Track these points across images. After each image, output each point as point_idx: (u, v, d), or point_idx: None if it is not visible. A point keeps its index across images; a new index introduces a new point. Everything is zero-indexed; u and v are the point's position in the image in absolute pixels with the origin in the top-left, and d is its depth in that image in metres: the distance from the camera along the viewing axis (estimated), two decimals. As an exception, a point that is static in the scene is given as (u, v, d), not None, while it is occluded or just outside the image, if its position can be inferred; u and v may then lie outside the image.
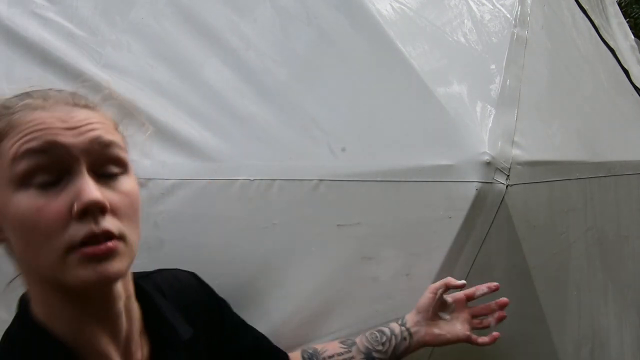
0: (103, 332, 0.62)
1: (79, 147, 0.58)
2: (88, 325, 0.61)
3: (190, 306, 0.78)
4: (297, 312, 0.93)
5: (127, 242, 0.59)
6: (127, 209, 0.60)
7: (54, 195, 0.56)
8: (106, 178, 0.60)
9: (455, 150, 0.87)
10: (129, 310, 0.66)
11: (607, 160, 1.31)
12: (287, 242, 0.93)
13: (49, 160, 0.56)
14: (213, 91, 1.01)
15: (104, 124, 0.62)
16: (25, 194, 0.56)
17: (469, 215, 0.86)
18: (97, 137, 0.59)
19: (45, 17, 1.11)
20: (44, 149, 0.56)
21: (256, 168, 0.95)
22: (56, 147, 0.57)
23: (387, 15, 1.02)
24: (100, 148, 0.59)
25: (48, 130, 0.57)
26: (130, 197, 0.61)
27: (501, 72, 1.01)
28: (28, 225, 0.56)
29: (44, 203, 0.55)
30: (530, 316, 1.01)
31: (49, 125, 0.58)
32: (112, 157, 0.61)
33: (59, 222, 0.55)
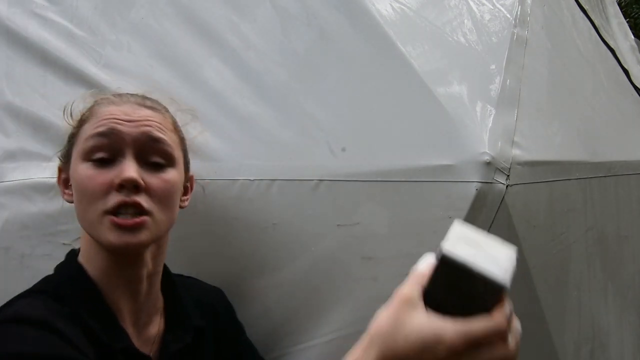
0: (123, 290, 0.76)
1: (131, 135, 0.75)
2: (113, 278, 0.75)
3: (208, 308, 0.88)
4: (297, 312, 0.93)
5: (154, 219, 0.73)
6: (162, 192, 0.75)
7: (106, 170, 0.73)
8: (152, 166, 0.76)
9: (455, 150, 0.87)
10: (152, 285, 0.80)
11: (607, 160, 1.31)
12: (287, 242, 0.93)
13: (108, 142, 0.74)
14: (213, 91, 1.01)
15: (161, 124, 0.79)
16: (86, 165, 0.74)
17: (469, 215, 0.85)
18: (148, 132, 0.76)
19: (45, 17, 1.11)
20: (106, 133, 0.74)
21: (256, 168, 0.95)
22: (115, 133, 0.74)
23: (387, 15, 1.02)
24: (148, 141, 0.76)
25: (114, 120, 0.75)
26: (167, 184, 0.76)
27: (501, 72, 1.01)
28: (82, 189, 0.73)
29: (96, 174, 0.73)
30: (530, 316, 1.01)
31: (116, 116, 0.76)
32: (158, 150, 0.76)
33: (102, 190, 0.72)
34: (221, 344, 0.88)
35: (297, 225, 0.93)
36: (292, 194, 0.92)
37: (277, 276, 0.94)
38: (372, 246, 0.90)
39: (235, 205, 0.94)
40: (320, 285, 0.92)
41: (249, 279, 0.95)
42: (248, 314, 0.95)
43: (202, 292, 0.91)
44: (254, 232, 0.94)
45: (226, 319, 0.92)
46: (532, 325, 1.02)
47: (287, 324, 0.94)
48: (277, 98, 0.98)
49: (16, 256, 1.01)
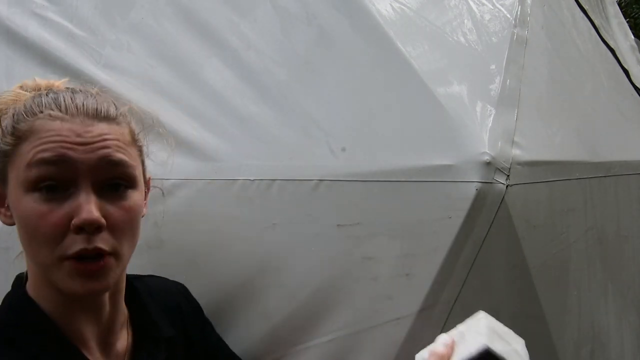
0: (85, 317, 0.68)
1: (87, 163, 0.62)
2: (71, 310, 0.66)
3: (175, 312, 0.83)
4: (297, 312, 0.93)
5: (118, 256, 0.64)
6: (125, 224, 0.64)
7: (58, 203, 0.61)
8: (111, 191, 0.64)
9: (455, 150, 0.87)
10: (115, 303, 0.72)
11: (607, 160, 1.31)
12: (287, 242, 0.93)
13: (57, 171, 0.61)
14: (213, 91, 1.01)
15: (118, 139, 0.65)
16: (32, 197, 0.61)
17: (469, 215, 0.85)
18: (106, 156, 0.63)
19: (45, 17, 1.11)
20: (54, 161, 0.61)
21: (256, 168, 0.95)
22: (66, 160, 0.61)
23: (387, 15, 1.02)
24: (108, 166, 0.63)
25: (62, 143, 0.61)
26: (131, 212, 0.65)
27: (501, 72, 1.01)
28: (31, 227, 0.61)
29: (47, 210, 0.60)
30: (530, 316, 1.01)
31: (64, 138, 0.62)
32: (118, 173, 0.64)
33: (57, 231, 0.60)
34: (192, 348, 0.84)
35: (297, 225, 0.93)
36: (292, 194, 0.92)
37: (277, 276, 0.94)
38: (372, 246, 0.90)
39: (235, 205, 0.94)
40: (320, 285, 0.92)
41: (249, 279, 0.95)
42: (248, 314, 0.95)
43: (166, 295, 0.84)
44: (254, 232, 0.94)
45: (194, 318, 0.87)
46: (532, 325, 1.02)
47: (287, 324, 0.94)
48: (277, 98, 0.98)
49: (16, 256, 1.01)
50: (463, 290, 0.90)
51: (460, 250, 0.88)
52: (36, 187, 0.61)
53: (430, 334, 0.91)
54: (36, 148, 0.61)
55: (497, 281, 0.94)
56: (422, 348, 0.91)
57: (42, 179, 0.61)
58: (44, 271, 0.63)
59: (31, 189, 0.61)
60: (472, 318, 0.68)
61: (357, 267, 0.91)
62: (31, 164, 0.61)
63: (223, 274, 0.96)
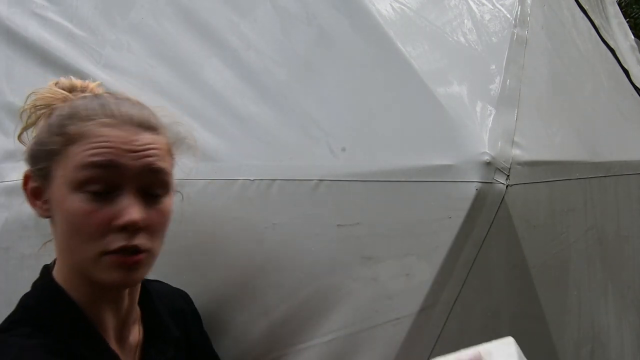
0: (107, 308, 0.73)
1: (133, 170, 0.67)
2: (97, 301, 0.71)
3: (179, 315, 0.88)
4: (297, 312, 0.93)
5: (151, 253, 0.70)
6: (159, 226, 0.71)
7: (103, 204, 0.66)
8: (150, 196, 0.70)
9: (455, 150, 0.87)
10: (132, 300, 0.77)
11: (607, 160, 1.31)
12: (287, 242, 0.93)
13: (106, 175, 0.66)
14: (213, 91, 1.01)
15: (161, 149, 0.71)
16: (78, 197, 0.66)
17: (469, 215, 0.85)
18: (150, 164, 0.69)
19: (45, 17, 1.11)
20: (104, 165, 0.66)
21: (256, 168, 0.95)
22: (115, 166, 0.66)
23: (387, 15, 1.02)
24: (150, 173, 0.69)
25: (112, 149, 0.67)
26: (165, 216, 0.72)
27: (501, 72, 1.01)
28: (76, 224, 0.66)
29: (92, 209, 0.66)
30: (530, 316, 1.01)
31: (114, 145, 0.67)
32: (158, 181, 0.71)
33: (100, 229, 0.66)
34: (193, 350, 0.88)
35: (297, 225, 0.93)
36: (292, 194, 0.92)
37: (278, 276, 0.94)
38: (372, 246, 0.90)
39: (235, 205, 0.94)
40: (321, 285, 0.92)
41: (249, 279, 0.95)
42: (248, 314, 0.95)
43: (172, 298, 0.89)
44: (254, 232, 0.94)
45: (194, 323, 0.91)
46: (532, 325, 1.02)
47: (287, 324, 0.94)
48: (277, 98, 0.98)
49: (16, 256, 1.01)
50: (463, 290, 0.90)
51: (460, 250, 0.88)
52: (84, 188, 0.66)
53: (430, 334, 0.91)
54: (87, 152, 0.66)
55: (497, 281, 0.94)
56: (422, 348, 0.91)
57: (91, 181, 0.66)
58: (81, 264, 0.67)
59: (78, 189, 0.66)
60: (499, 341, 0.69)
61: (357, 267, 0.91)
62: (81, 166, 0.66)
63: (223, 273, 0.96)
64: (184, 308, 0.90)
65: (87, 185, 0.66)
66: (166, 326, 0.82)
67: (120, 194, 0.67)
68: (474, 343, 0.96)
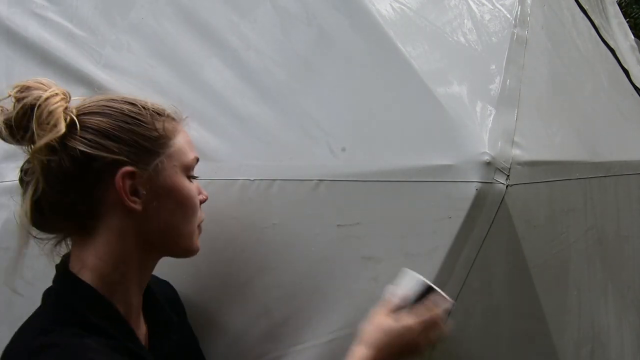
0: (135, 300, 0.79)
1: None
2: (132, 285, 0.78)
3: (173, 303, 0.93)
4: (297, 312, 0.93)
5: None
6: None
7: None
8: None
9: (455, 150, 0.87)
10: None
11: (607, 160, 1.31)
12: (287, 242, 0.93)
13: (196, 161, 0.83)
14: (213, 91, 1.01)
15: None
16: (187, 180, 0.80)
17: (469, 215, 0.85)
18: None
19: (45, 17, 1.11)
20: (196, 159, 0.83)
21: (256, 168, 0.95)
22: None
23: (387, 15, 1.02)
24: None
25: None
26: None
27: (501, 72, 1.01)
28: (189, 203, 0.79)
29: (194, 188, 0.81)
30: (530, 316, 1.01)
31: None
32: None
33: (197, 205, 0.81)
34: (183, 339, 0.92)
35: (297, 225, 0.93)
36: (292, 194, 0.92)
37: (277, 276, 0.94)
38: (372, 246, 0.90)
39: (235, 205, 0.94)
40: (320, 285, 0.92)
41: (249, 279, 0.95)
42: (248, 314, 0.95)
43: (163, 288, 0.93)
44: (254, 232, 0.94)
45: (184, 315, 0.94)
46: (532, 325, 1.02)
47: (287, 324, 0.94)
48: (277, 98, 0.98)
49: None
50: (463, 290, 0.90)
51: (460, 250, 0.88)
52: (188, 172, 0.80)
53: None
54: (188, 141, 0.81)
55: (497, 281, 0.94)
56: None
57: (193, 165, 0.81)
58: (182, 239, 0.80)
59: (186, 173, 0.79)
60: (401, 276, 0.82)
61: (357, 267, 0.91)
62: (189, 152, 0.80)
63: (223, 273, 0.96)
64: (174, 297, 0.94)
65: (191, 169, 0.81)
66: (167, 313, 0.88)
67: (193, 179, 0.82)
68: (474, 343, 0.96)
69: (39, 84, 0.72)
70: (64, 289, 0.75)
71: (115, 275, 0.75)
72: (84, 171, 0.72)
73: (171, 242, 0.80)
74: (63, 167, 0.71)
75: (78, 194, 0.72)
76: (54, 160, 0.70)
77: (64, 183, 0.72)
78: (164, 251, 0.81)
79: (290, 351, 0.94)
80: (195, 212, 0.80)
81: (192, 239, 0.81)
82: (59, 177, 0.71)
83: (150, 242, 0.78)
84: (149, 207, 0.75)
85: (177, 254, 0.83)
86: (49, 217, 0.74)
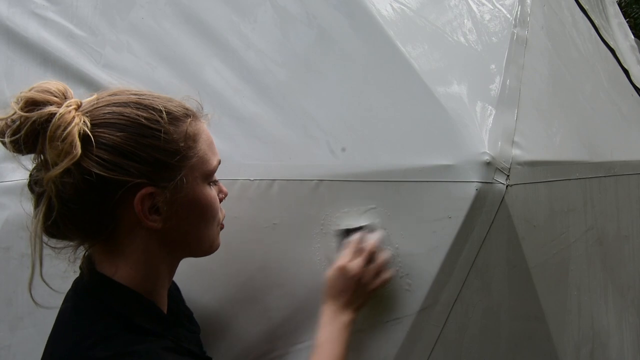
0: (166, 293, 0.80)
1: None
2: (163, 289, 0.79)
3: (179, 296, 0.94)
4: (297, 311, 0.93)
5: None
6: None
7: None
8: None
9: (455, 150, 0.87)
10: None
11: (607, 160, 1.31)
12: (287, 242, 0.93)
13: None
14: (213, 91, 1.01)
15: None
16: (208, 187, 0.77)
17: (468, 215, 0.85)
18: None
19: (45, 17, 1.11)
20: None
21: (256, 168, 0.95)
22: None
23: (387, 15, 1.02)
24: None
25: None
26: None
27: (501, 72, 1.01)
28: (210, 210, 0.77)
29: (215, 194, 0.79)
30: (530, 316, 1.01)
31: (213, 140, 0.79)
32: None
33: (219, 207, 0.81)
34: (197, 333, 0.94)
35: (297, 225, 0.93)
36: (292, 194, 0.92)
37: (277, 276, 0.94)
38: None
39: (235, 205, 0.94)
40: (320, 284, 0.92)
41: (249, 278, 0.95)
42: (248, 313, 0.95)
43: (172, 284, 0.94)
44: (254, 232, 0.94)
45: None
46: (532, 325, 1.02)
47: (287, 324, 0.94)
48: (277, 98, 0.98)
49: (16, 256, 1.01)
50: (463, 290, 0.90)
51: (460, 250, 0.88)
52: (209, 179, 0.77)
53: (430, 334, 0.91)
54: (211, 148, 0.77)
55: (497, 281, 0.94)
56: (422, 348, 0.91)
57: (214, 171, 0.78)
58: (205, 244, 0.79)
59: (208, 181, 0.77)
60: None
61: (357, 267, 0.90)
62: (212, 159, 0.77)
63: (223, 273, 0.96)
64: (177, 292, 0.94)
65: (212, 175, 0.78)
66: (185, 305, 0.91)
67: (216, 181, 0.81)
68: (474, 343, 0.96)
69: (48, 96, 0.66)
70: (105, 294, 0.72)
71: (149, 283, 0.75)
72: (100, 193, 0.67)
73: (194, 247, 0.79)
74: (79, 190, 0.66)
75: (95, 214, 0.69)
76: (68, 183, 0.65)
77: (80, 203, 0.67)
78: (188, 254, 0.81)
79: (290, 351, 0.94)
80: (216, 216, 0.79)
81: (214, 241, 0.81)
82: (73, 197, 0.66)
83: (174, 250, 0.77)
84: (170, 222, 0.72)
85: (199, 255, 0.82)
86: (63, 229, 0.70)
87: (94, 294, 0.72)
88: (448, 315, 0.90)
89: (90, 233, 0.71)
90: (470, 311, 0.93)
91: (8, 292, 1.01)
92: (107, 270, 0.72)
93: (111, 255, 0.72)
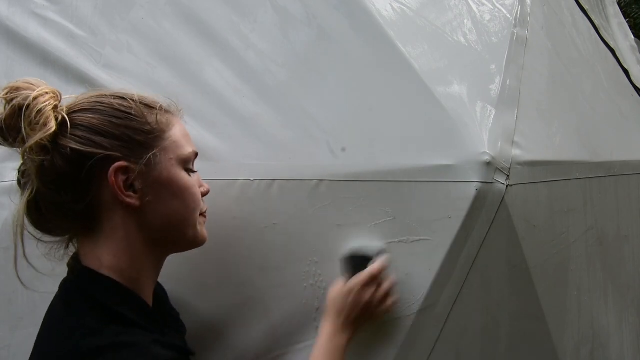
0: (151, 288, 0.81)
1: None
2: (149, 280, 0.80)
3: (166, 297, 0.95)
4: (297, 311, 0.93)
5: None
6: None
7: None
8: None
9: (455, 150, 0.87)
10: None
11: (607, 160, 1.31)
12: (287, 242, 0.93)
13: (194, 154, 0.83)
14: (213, 91, 1.01)
15: None
16: (184, 173, 0.79)
17: (469, 215, 0.86)
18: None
19: (45, 17, 1.11)
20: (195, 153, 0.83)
21: (256, 168, 0.95)
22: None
23: (387, 15, 1.02)
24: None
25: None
26: None
27: (501, 72, 1.01)
28: (189, 195, 0.79)
29: (194, 181, 0.81)
30: (530, 316, 1.01)
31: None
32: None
33: (199, 197, 0.82)
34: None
35: (297, 225, 0.93)
36: (292, 194, 0.92)
37: (277, 276, 0.94)
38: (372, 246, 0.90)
39: (235, 205, 0.94)
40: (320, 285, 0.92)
41: (249, 278, 0.95)
42: (248, 313, 0.95)
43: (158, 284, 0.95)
44: (254, 232, 0.94)
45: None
46: (532, 325, 1.02)
47: (287, 323, 0.94)
48: (277, 98, 0.98)
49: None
50: (463, 290, 0.90)
51: (460, 250, 0.88)
52: (186, 165, 0.80)
53: (430, 334, 0.91)
54: (185, 135, 0.81)
55: (497, 281, 0.94)
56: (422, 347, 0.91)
57: (191, 159, 0.81)
58: (188, 230, 0.80)
59: (183, 167, 0.79)
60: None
61: (357, 267, 0.90)
62: (186, 146, 0.80)
63: (223, 273, 0.96)
64: (162, 293, 0.94)
65: (189, 163, 0.80)
66: (171, 307, 0.92)
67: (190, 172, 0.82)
68: (474, 343, 0.96)
69: (28, 84, 0.72)
70: (91, 287, 0.74)
71: (132, 272, 0.76)
72: (77, 169, 0.71)
73: (175, 234, 0.80)
74: (56, 167, 0.71)
75: (74, 192, 0.72)
76: (47, 160, 0.70)
77: (59, 182, 0.71)
78: (172, 244, 0.82)
79: (290, 350, 0.94)
80: (196, 201, 0.80)
81: (196, 228, 0.81)
82: (53, 177, 0.71)
83: (155, 236, 0.78)
84: (147, 201, 0.75)
85: (185, 246, 0.83)
86: (49, 218, 0.74)
87: (80, 288, 0.74)
88: (448, 315, 0.90)
89: (71, 217, 0.74)
90: (470, 311, 0.93)
91: (8, 292, 1.01)
92: (92, 264, 0.75)
93: (94, 247, 0.75)
